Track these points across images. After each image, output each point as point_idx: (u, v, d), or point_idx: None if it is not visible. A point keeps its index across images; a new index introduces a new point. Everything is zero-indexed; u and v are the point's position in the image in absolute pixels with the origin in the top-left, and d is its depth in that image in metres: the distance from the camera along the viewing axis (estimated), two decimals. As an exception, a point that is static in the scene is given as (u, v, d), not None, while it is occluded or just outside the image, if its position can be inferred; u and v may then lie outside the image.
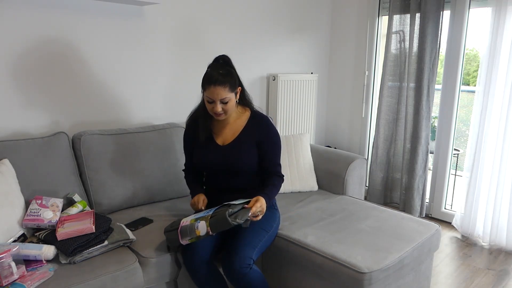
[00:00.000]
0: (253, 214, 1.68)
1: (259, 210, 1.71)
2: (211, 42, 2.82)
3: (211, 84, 1.74)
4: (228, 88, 1.76)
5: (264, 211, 1.74)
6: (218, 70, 1.76)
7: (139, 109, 2.54)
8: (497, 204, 2.74)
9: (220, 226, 1.61)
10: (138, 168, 2.20)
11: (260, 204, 1.72)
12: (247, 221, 1.68)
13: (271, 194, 1.84)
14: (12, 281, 1.44)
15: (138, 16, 2.42)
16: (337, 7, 3.61)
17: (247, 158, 1.87)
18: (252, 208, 1.68)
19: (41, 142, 1.97)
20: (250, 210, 1.67)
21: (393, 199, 3.38)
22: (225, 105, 1.78)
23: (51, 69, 2.16)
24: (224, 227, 1.61)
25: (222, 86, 1.74)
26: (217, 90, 1.74)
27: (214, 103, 1.78)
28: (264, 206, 1.74)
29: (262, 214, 1.74)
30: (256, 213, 1.70)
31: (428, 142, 3.10)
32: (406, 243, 1.86)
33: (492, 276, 2.42)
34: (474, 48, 3.95)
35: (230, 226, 1.60)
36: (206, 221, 1.64)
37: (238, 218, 1.62)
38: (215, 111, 1.79)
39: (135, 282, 1.65)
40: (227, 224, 1.60)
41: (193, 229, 1.65)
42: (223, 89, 1.74)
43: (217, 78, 1.74)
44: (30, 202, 1.80)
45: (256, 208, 1.69)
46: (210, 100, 1.77)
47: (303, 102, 3.39)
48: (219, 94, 1.74)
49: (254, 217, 1.70)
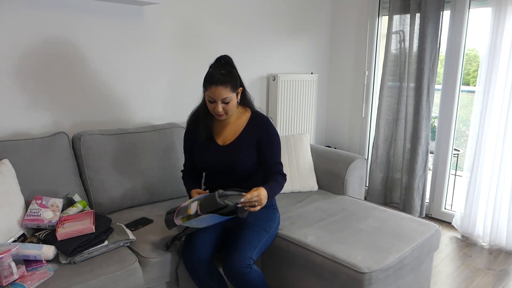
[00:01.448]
0: (249, 203, 1.62)
1: (255, 199, 1.63)
2: (211, 42, 2.82)
3: (213, 84, 1.74)
4: (229, 88, 1.76)
5: (262, 202, 1.66)
6: (219, 70, 1.76)
7: (139, 109, 2.54)
8: (497, 204, 2.74)
9: (209, 206, 1.59)
10: (138, 168, 2.20)
11: (257, 193, 1.64)
12: (244, 211, 1.62)
13: (273, 188, 1.77)
14: (12, 281, 1.44)
15: (138, 16, 2.42)
16: (337, 7, 3.61)
17: (247, 158, 1.87)
18: (247, 195, 1.62)
19: (41, 142, 1.97)
20: (243, 196, 1.61)
21: (393, 199, 3.38)
22: (226, 105, 1.78)
23: (51, 70, 2.16)
24: (212, 207, 1.58)
25: (224, 86, 1.74)
26: (219, 90, 1.74)
27: (215, 103, 1.77)
28: (263, 197, 1.66)
29: (260, 205, 1.66)
30: (253, 203, 1.63)
31: (428, 142, 3.10)
32: (406, 243, 1.86)
33: (492, 276, 2.42)
34: (474, 48, 3.95)
35: (218, 206, 1.57)
36: (198, 201, 1.65)
37: (228, 200, 1.59)
38: (216, 111, 1.79)
39: (135, 282, 1.65)
40: (214, 203, 1.57)
41: (186, 209, 1.66)
42: (224, 89, 1.74)
43: (218, 78, 1.74)
44: (30, 202, 1.80)
45: (251, 196, 1.62)
46: (212, 100, 1.77)
47: (303, 102, 3.39)
48: (221, 94, 1.74)
49: (252, 207, 1.64)
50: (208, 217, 1.63)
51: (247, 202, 1.62)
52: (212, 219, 1.65)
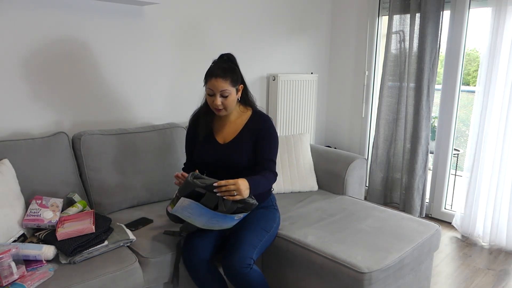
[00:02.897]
0: (225, 189, 1.58)
1: (233, 188, 1.58)
2: (211, 42, 2.82)
3: (212, 76, 1.78)
4: (229, 82, 1.79)
5: (241, 191, 1.60)
6: (221, 65, 1.81)
7: (139, 109, 2.54)
8: (497, 204, 2.74)
9: (183, 186, 1.65)
10: (138, 168, 2.20)
11: (234, 181, 1.59)
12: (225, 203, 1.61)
13: (257, 181, 1.71)
14: (12, 281, 1.44)
15: (138, 16, 2.42)
16: (337, 7, 3.61)
17: (247, 156, 1.87)
18: (221, 181, 1.59)
19: (41, 142, 1.97)
20: (216, 181, 1.60)
21: (393, 199, 3.37)
22: (225, 100, 1.80)
23: (50, 70, 2.16)
24: (187, 188, 1.63)
25: (223, 79, 1.77)
26: (218, 82, 1.77)
27: (214, 96, 1.80)
28: (242, 186, 1.60)
29: (240, 195, 1.60)
30: (231, 191, 1.58)
31: (428, 142, 3.10)
32: (406, 243, 1.86)
33: (492, 276, 2.42)
34: (474, 48, 3.95)
35: (191, 186, 1.62)
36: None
37: (204, 180, 1.64)
38: (214, 104, 1.81)
39: (135, 282, 1.65)
40: (188, 184, 1.63)
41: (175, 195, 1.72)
42: (223, 81, 1.77)
43: (218, 71, 1.78)
44: (30, 202, 1.80)
45: (226, 182, 1.58)
46: (211, 92, 1.80)
47: (303, 102, 3.39)
48: (220, 86, 1.77)
49: (231, 196, 1.59)
50: (191, 205, 1.63)
51: (223, 186, 1.58)
52: (200, 211, 1.63)
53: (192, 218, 1.68)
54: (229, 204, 1.63)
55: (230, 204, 1.63)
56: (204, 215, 1.65)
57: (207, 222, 1.69)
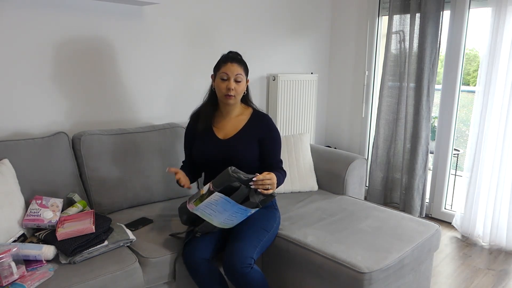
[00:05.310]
0: (262, 183, 1.62)
1: (268, 183, 1.64)
2: (211, 42, 2.82)
3: (228, 61, 1.85)
4: (243, 68, 1.88)
5: (274, 184, 1.68)
6: (234, 54, 1.90)
7: (140, 109, 2.54)
8: (497, 204, 2.74)
9: (221, 179, 1.62)
10: (138, 168, 2.20)
11: (270, 176, 1.65)
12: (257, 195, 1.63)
13: (279, 178, 1.80)
14: (12, 281, 1.44)
15: (138, 16, 2.42)
16: (337, 7, 3.61)
17: (247, 153, 1.89)
18: (259, 175, 1.63)
19: (41, 142, 1.97)
20: (255, 176, 1.63)
21: (393, 199, 3.38)
22: (237, 85, 1.85)
23: (50, 70, 2.16)
24: (225, 181, 1.61)
25: (239, 64, 1.86)
26: (234, 66, 1.84)
27: (228, 81, 1.84)
28: (274, 180, 1.68)
29: (273, 187, 1.68)
30: (266, 185, 1.64)
31: (428, 142, 3.10)
32: (406, 243, 1.86)
33: (492, 276, 2.42)
34: (474, 48, 3.95)
35: (231, 179, 1.60)
36: (211, 181, 1.67)
37: (241, 175, 1.62)
38: (229, 86, 1.83)
39: (135, 282, 1.65)
40: (227, 176, 1.60)
41: (199, 192, 1.70)
42: (239, 66, 1.85)
43: (234, 57, 1.87)
44: (30, 202, 1.80)
45: (263, 177, 1.63)
46: (225, 76, 1.84)
47: (303, 102, 3.39)
48: (235, 69, 1.84)
49: (265, 190, 1.64)
50: (218, 201, 1.62)
51: (260, 181, 1.63)
52: (225, 207, 1.64)
53: (212, 216, 1.68)
54: (260, 197, 1.66)
55: (261, 197, 1.67)
56: (228, 210, 1.66)
57: (225, 220, 1.70)
